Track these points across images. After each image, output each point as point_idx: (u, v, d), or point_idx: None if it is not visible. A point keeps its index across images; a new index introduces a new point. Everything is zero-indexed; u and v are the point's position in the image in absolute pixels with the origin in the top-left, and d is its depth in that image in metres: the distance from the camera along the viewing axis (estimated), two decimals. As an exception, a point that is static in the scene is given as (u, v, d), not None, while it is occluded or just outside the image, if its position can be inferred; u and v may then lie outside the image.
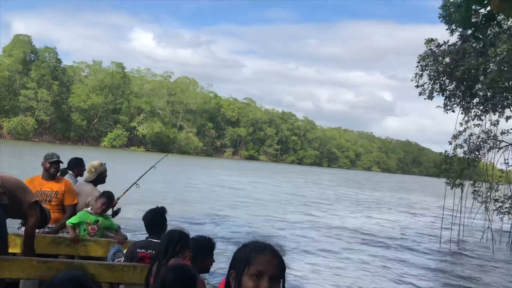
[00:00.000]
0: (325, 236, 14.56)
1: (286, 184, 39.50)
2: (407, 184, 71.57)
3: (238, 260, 1.92)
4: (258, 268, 1.85)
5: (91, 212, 5.26)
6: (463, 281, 10.26)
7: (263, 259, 1.87)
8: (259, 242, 1.97)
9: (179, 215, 14.45)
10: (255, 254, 1.88)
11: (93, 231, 5.18)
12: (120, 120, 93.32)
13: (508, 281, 10.81)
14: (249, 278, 1.85)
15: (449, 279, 10.49)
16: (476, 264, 12.61)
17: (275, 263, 1.88)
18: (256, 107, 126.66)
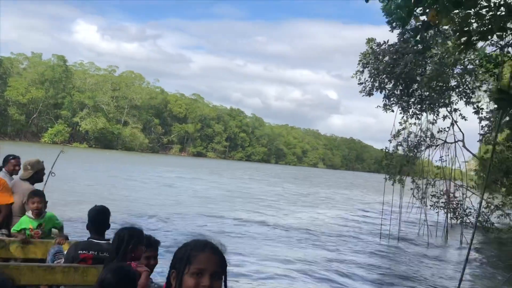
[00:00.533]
0: (267, 233, 14.72)
1: (234, 181, 39.61)
2: (350, 180, 73.78)
3: (178, 259, 1.91)
4: (198, 266, 1.85)
5: (32, 217, 5.05)
6: (399, 275, 10.72)
7: (203, 257, 1.87)
8: (199, 240, 1.96)
9: (120, 216, 14.14)
10: (195, 252, 1.88)
11: (36, 235, 4.99)
12: (62, 115, 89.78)
13: (440, 274, 11.43)
14: (190, 276, 1.84)
15: (386, 273, 10.92)
16: (412, 258, 13.22)
17: (216, 261, 1.88)
18: (204, 103, 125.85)
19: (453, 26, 4.52)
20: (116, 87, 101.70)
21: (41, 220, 5.07)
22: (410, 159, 16.18)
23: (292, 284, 8.90)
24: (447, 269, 11.88)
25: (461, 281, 8.00)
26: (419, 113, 15.59)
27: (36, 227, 5.03)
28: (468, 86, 14.56)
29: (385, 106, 15.51)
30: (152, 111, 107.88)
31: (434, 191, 17.38)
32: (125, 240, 3.49)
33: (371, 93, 14.70)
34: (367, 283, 9.61)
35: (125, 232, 3.56)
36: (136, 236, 3.54)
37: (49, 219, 5.15)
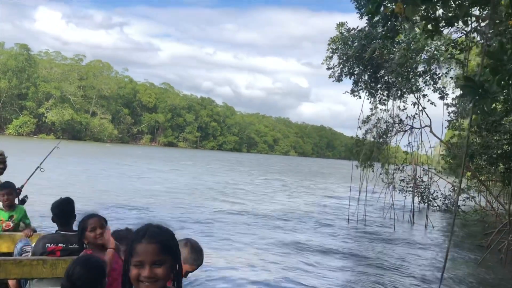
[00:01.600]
0: (237, 222, 14.76)
1: (206, 172, 39.53)
2: (320, 167, 74.71)
3: (127, 253, 1.98)
4: (137, 258, 1.92)
5: (3, 209, 4.97)
6: (367, 258, 10.96)
7: (140, 248, 1.92)
8: (138, 230, 2.00)
9: (89, 209, 13.89)
10: (134, 244, 1.94)
11: (7, 227, 4.91)
12: (27, 106, 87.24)
13: (405, 257, 11.75)
14: (133, 267, 1.93)
15: (352, 256, 11.15)
16: (379, 241, 13.53)
17: (153, 250, 1.92)
18: (174, 92, 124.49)
19: (420, 14, 4.60)
20: (83, 76, 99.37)
21: (13, 212, 5.00)
22: (379, 145, 16.48)
23: (257, 271, 8.98)
24: (412, 251, 12.21)
25: (445, 267, 8.25)
26: (386, 99, 15.86)
27: (8, 218, 4.95)
28: (434, 72, 14.87)
29: (353, 91, 15.68)
30: (121, 101, 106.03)
31: (402, 176, 17.81)
32: (80, 228, 3.44)
33: (340, 79, 14.83)
34: (335, 267, 9.78)
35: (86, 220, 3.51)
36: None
37: (19, 211, 5.08)
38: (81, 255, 3.40)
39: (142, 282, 1.91)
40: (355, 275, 9.25)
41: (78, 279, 2.62)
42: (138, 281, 1.92)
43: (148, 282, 1.90)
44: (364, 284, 8.54)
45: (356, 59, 13.85)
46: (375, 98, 15.77)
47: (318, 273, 8.99)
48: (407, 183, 17.84)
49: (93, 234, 3.34)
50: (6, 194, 4.95)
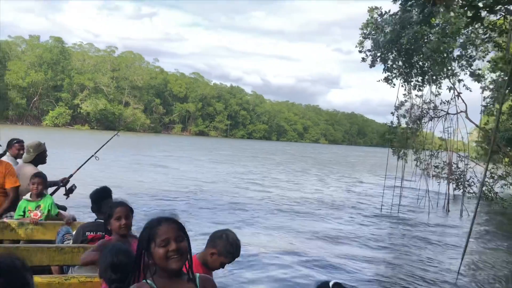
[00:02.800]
0: (270, 211, 14.81)
1: (239, 162, 39.71)
2: (352, 155, 73.90)
3: (142, 240, 2.14)
4: (162, 237, 2.09)
5: (30, 199, 5.10)
6: (399, 247, 10.83)
7: (162, 229, 2.11)
8: (153, 219, 2.18)
9: (131, 199, 14.23)
10: (154, 230, 2.11)
11: (35, 217, 5.02)
12: (62, 98, 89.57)
13: (441, 244, 11.54)
14: (159, 248, 2.08)
15: (386, 244, 11.04)
16: (413, 228, 13.33)
17: (174, 228, 2.13)
18: (204, 82, 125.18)
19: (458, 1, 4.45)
20: (116, 67, 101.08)
21: (40, 202, 5.11)
22: (413, 131, 16.14)
23: (288, 259, 9.01)
24: (448, 239, 11.98)
25: (465, 252, 8.12)
26: (422, 85, 15.47)
27: (35, 208, 5.07)
28: (471, 56, 14.40)
29: (386, 79, 15.39)
30: (153, 91, 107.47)
31: (437, 162, 17.42)
32: (106, 214, 3.46)
33: (373, 65, 14.55)
34: (366, 256, 9.70)
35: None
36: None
37: (47, 201, 5.17)
38: (101, 241, 3.47)
39: (169, 258, 2.07)
40: (386, 266, 9.13)
41: (124, 267, 2.67)
42: (166, 258, 2.07)
43: (176, 255, 2.08)
44: (395, 274, 8.44)
45: (389, 45, 13.52)
46: (409, 84, 15.42)
47: (348, 263, 8.93)
48: (442, 170, 17.45)
49: (118, 223, 3.34)
50: (36, 183, 5.07)
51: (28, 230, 4.86)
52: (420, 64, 14.83)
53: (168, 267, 2.08)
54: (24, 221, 4.90)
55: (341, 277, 7.87)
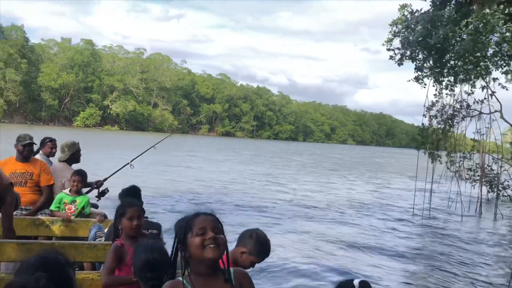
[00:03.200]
0: (296, 213, 14.74)
1: (266, 162, 39.71)
2: (380, 156, 72.88)
3: (179, 232, 2.12)
4: (199, 226, 2.05)
5: (68, 193, 5.25)
6: (430, 253, 10.56)
7: (200, 219, 2.09)
8: (189, 213, 2.19)
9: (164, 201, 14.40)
10: (192, 221, 2.09)
11: (69, 211, 5.16)
12: (93, 99, 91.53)
13: (475, 248, 11.23)
14: (195, 237, 2.04)
15: (419, 247, 10.82)
16: (446, 231, 13.03)
17: (211, 219, 2.10)
18: (231, 83, 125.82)
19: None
20: (145, 69, 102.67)
21: (76, 198, 5.26)
22: (445, 132, 15.73)
23: (321, 259, 8.92)
24: (483, 245, 11.64)
25: None
26: (453, 85, 15.07)
27: (70, 202, 5.22)
28: (506, 54, 13.94)
29: (417, 78, 15.03)
30: (181, 92, 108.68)
31: (470, 164, 16.94)
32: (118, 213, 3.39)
33: (401, 63, 14.25)
34: (400, 258, 9.52)
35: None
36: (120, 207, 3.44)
37: (83, 199, 5.32)
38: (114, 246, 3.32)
39: (206, 247, 2.02)
40: (415, 272, 8.91)
41: (158, 265, 2.68)
42: (202, 247, 2.02)
43: (213, 244, 2.02)
44: (424, 283, 8.19)
45: (419, 43, 13.22)
46: (440, 84, 15.04)
47: (377, 270, 8.75)
48: (475, 172, 16.96)
49: (129, 223, 3.25)
50: (76, 181, 5.23)
51: (62, 227, 4.97)
52: (452, 64, 14.45)
53: (205, 256, 2.01)
54: (58, 218, 5.01)
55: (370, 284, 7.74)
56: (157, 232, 4.42)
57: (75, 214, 5.19)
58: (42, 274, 1.60)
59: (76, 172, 5.32)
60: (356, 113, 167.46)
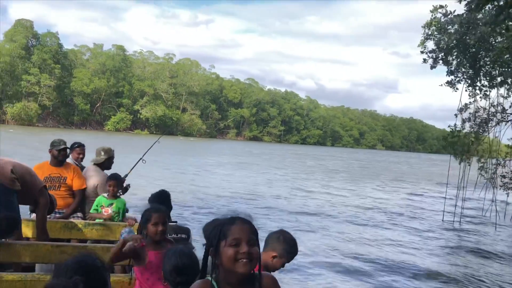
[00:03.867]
0: (330, 215, 14.64)
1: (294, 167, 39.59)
2: (410, 159, 71.56)
3: (212, 237, 2.04)
4: (234, 237, 1.97)
5: (106, 197, 5.41)
6: (466, 259, 10.29)
7: (235, 228, 2.00)
8: (226, 217, 2.09)
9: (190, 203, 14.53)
10: (227, 227, 2.00)
11: (106, 213, 5.31)
12: (123, 104, 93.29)
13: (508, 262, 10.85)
14: (228, 248, 1.96)
15: (450, 257, 10.52)
16: (480, 241, 12.64)
17: (248, 229, 2.01)
18: (258, 87, 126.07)
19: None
20: (174, 74, 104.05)
21: (113, 201, 5.40)
22: (478, 136, 15.26)
23: (350, 264, 8.80)
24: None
25: None
26: (488, 89, 14.64)
27: (107, 205, 5.36)
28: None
29: (450, 83, 14.68)
30: (209, 97, 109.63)
31: (504, 171, 16.40)
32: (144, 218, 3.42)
33: (434, 66, 13.96)
34: (430, 268, 9.28)
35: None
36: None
37: (120, 202, 5.46)
38: (180, 247, 3.49)
39: (239, 260, 1.95)
40: (445, 283, 8.66)
41: (187, 270, 2.71)
42: (235, 260, 1.95)
43: (246, 259, 1.95)
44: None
45: (455, 46, 12.88)
46: (474, 88, 14.64)
47: (408, 282, 8.55)
48: (511, 179, 16.40)
49: (154, 229, 3.29)
50: (112, 184, 5.35)
51: (94, 230, 5.07)
52: (487, 67, 14.04)
53: (235, 270, 1.96)
54: (90, 222, 5.13)
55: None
56: (186, 237, 4.46)
57: (113, 217, 5.32)
58: (79, 278, 1.63)
59: (111, 177, 5.43)
60: (385, 118, 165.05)
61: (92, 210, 5.39)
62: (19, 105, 77.32)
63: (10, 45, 79.38)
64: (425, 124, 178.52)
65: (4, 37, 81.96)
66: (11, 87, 79.11)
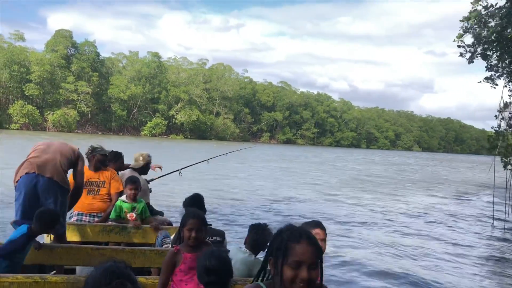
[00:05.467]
0: (373, 220, 14.40)
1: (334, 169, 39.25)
2: (450, 163, 69.60)
3: (275, 249, 1.99)
4: (295, 258, 1.91)
5: (126, 201, 5.43)
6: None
7: (300, 249, 1.92)
8: (294, 229, 2.02)
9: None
10: (291, 244, 1.94)
11: (131, 218, 5.33)
12: (159, 109, 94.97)
13: None
14: (288, 268, 1.91)
15: (501, 264, 10.14)
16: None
17: (312, 252, 1.93)
18: (291, 90, 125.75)
19: None
20: (208, 79, 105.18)
21: (135, 204, 5.44)
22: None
23: (385, 280, 8.63)
24: None
25: None
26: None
27: (130, 210, 5.40)
28: None
29: (489, 78, 14.13)
30: (242, 101, 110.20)
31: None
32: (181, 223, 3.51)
33: (472, 61, 13.49)
34: (479, 277, 8.95)
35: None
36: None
37: (141, 204, 5.50)
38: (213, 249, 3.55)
39: (295, 284, 1.90)
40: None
41: (214, 272, 2.78)
42: (292, 282, 1.90)
43: (303, 285, 1.89)
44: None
45: (494, 40, 12.42)
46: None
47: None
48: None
49: (188, 234, 3.36)
50: (133, 188, 5.39)
51: (131, 233, 5.19)
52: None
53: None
54: (127, 225, 5.24)
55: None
56: (221, 240, 4.50)
57: (138, 219, 5.38)
58: (116, 281, 1.68)
59: (131, 180, 5.47)
60: (422, 119, 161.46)
61: (114, 215, 5.37)
62: (59, 112, 79.97)
63: (51, 55, 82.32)
64: (463, 124, 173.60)
65: (46, 47, 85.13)
66: (51, 95, 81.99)
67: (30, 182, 4.41)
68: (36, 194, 4.41)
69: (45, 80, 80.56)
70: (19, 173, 4.51)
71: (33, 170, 4.44)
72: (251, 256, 4.00)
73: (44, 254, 4.18)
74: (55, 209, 4.36)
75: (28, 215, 4.28)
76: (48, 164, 4.50)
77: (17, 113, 75.83)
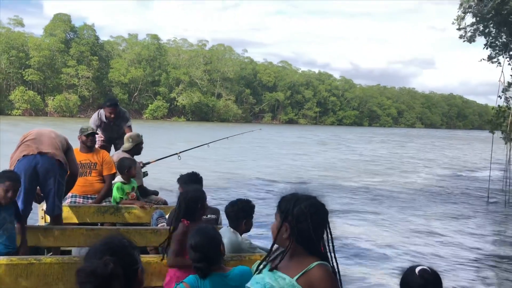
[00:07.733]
0: (369, 194, 14.48)
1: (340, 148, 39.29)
2: (451, 140, 69.49)
3: (294, 216, 2.14)
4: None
5: (125, 182, 5.53)
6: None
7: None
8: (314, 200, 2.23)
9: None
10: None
11: (132, 197, 5.48)
12: (160, 92, 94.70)
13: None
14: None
15: (495, 240, 10.21)
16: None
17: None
18: (292, 70, 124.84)
19: None
20: (208, 61, 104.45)
21: (132, 184, 5.60)
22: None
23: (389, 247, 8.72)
24: None
25: None
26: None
27: (131, 190, 5.53)
28: None
29: (490, 58, 14.03)
30: (243, 81, 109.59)
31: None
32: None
33: (473, 39, 13.37)
34: (475, 251, 9.04)
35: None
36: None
37: (134, 182, 5.69)
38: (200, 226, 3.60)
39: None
40: (490, 265, 8.41)
41: (201, 248, 2.80)
42: None
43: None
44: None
45: (492, 17, 12.30)
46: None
47: (447, 265, 8.36)
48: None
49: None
50: (132, 168, 5.57)
51: (125, 214, 5.24)
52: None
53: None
54: (121, 206, 5.31)
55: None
56: (216, 217, 4.53)
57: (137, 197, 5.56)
58: (109, 258, 1.69)
59: (130, 161, 5.64)
60: (424, 95, 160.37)
61: (117, 197, 5.45)
62: (60, 97, 79.87)
63: (50, 40, 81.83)
64: (466, 99, 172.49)
65: (44, 32, 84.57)
66: (52, 80, 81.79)
67: (30, 163, 4.38)
68: (36, 176, 4.40)
69: (45, 65, 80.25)
70: (16, 157, 4.49)
71: (32, 151, 4.42)
72: (237, 236, 3.96)
73: (40, 236, 4.23)
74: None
75: (29, 197, 4.32)
76: (48, 143, 4.50)
77: (19, 99, 75.78)
